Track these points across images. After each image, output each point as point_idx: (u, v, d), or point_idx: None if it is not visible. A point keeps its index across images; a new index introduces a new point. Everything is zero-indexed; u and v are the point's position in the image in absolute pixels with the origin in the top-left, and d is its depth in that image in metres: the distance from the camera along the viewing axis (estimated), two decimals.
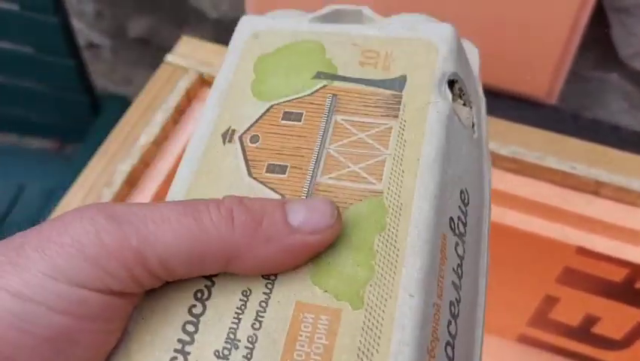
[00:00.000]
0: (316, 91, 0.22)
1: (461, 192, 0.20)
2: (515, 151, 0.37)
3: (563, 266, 0.37)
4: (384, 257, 0.18)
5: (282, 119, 0.21)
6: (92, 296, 0.15)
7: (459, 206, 0.20)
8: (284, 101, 0.22)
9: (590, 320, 0.41)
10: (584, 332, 0.42)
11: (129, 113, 0.40)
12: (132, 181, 0.37)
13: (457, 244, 0.19)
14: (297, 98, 0.22)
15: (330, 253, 0.18)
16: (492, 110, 0.26)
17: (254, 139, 0.21)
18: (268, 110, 0.21)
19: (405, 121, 0.20)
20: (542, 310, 0.43)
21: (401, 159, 0.19)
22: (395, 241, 0.18)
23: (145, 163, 0.38)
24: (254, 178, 0.20)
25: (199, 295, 0.18)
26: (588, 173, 0.36)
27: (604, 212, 0.36)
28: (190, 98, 0.41)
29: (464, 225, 0.20)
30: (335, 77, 0.22)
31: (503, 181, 0.37)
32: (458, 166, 0.20)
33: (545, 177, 0.37)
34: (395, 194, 0.19)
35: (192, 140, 0.21)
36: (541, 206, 0.36)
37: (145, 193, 0.37)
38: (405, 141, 0.20)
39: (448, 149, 0.20)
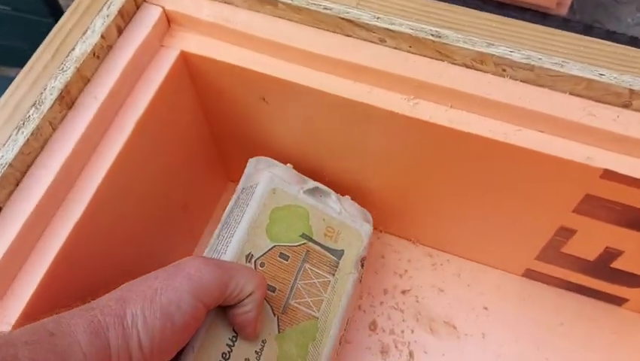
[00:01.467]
0: (300, 245, 0.35)
1: (348, 318, 0.37)
2: (530, 56, 0.30)
3: (584, 193, 0.32)
4: (311, 356, 0.34)
5: (279, 257, 0.34)
6: (201, 307, 0.27)
7: (344, 328, 0.36)
8: (281, 245, 0.35)
9: (610, 254, 0.36)
10: (602, 267, 0.38)
11: (62, 20, 0.33)
12: (68, 100, 0.31)
13: (338, 350, 0.36)
14: (288, 246, 0.35)
15: (288, 347, 0.33)
16: None
17: (262, 265, 0.34)
18: (272, 248, 0.34)
19: (337, 279, 0.36)
20: (555, 243, 0.37)
21: (330, 302, 0.35)
22: (318, 349, 0.34)
23: (83, 79, 0.32)
24: None
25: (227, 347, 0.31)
26: (619, 81, 0.29)
27: (637, 128, 0.29)
28: (138, 3, 0.34)
29: (343, 338, 0.37)
30: (311, 239, 0.36)
31: (515, 94, 0.30)
32: (351, 305, 0.37)
33: (566, 87, 0.30)
34: (323, 322, 0.34)
35: (229, 252, 0.33)
36: (561, 122, 0.30)
37: (85, 115, 0.31)
38: (335, 291, 0.35)
39: (350, 299, 0.36)
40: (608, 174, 0.30)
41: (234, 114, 0.39)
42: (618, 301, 0.41)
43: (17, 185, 0.29)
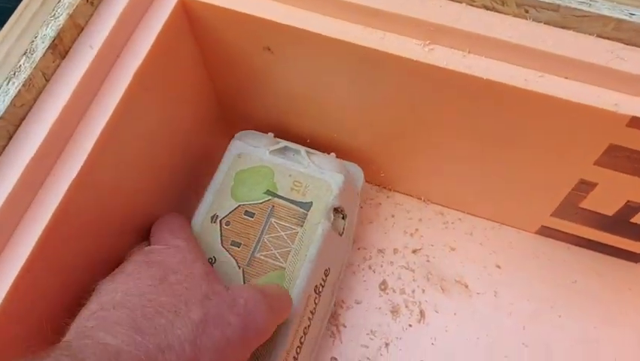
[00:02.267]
0: (264, 201, 0.36)
1: (325, 269, 0.37)
2: None
3: (608, 144, 0.30)
4: None
5: (244, 215, 0.36)
6: None
7: (322, 278, 0.37)
8: (245, 204, 0.36)
9: (631, 209, 0.35)
10: (621, 221, 0.36)
11: None
12: (61, 49, 0.29)
13: (315, 298, 0.36)
14: (253, 204, 0.36)
15: None
16: None
17: (227, 223, 0.36)
18: (237, 207, 0.36)
19: (305, 230, 0.36)
20: (573, 198, 0.36)
21: (298, 252, 0.35)
22: None
23: (77, 26, 0.30)
24: (223, 247, 0.35)
25: None
26: None
27: None
28: None
29: (322, 287, 0.37)
30: (275, 195, 0.37)
31: (538, 37, 0.29)
32: (327, 256, 0.37)
33: (593, 28, 0.28)
34: (290, 271, 0.35)
35: (196, 215, 0.36)
36: (587, 67, 0.28)
37: (80, 65, 0.29)
38: (302, 242, 0.36)
39: (322, 249, 0.36)
40: (636, 122, 0.28)
41: (237, 66, 0.37)
42: (635, 257, 0.40)
43: (10, 139, 0.28)
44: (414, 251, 0.43)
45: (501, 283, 0.41)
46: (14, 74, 0.28)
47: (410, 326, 0.40)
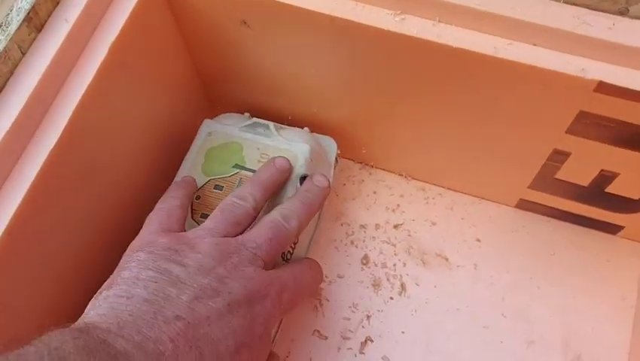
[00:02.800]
0: (233, 175, 0.38)
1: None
2: None
3: (578, 111, 0.31)
4: None
5: (214, 188, 0.37)
6: None
7: (291, 245, 0.37)
8: (216, 178, 0.38)
9: (605, 178, 0.35)
10: (596, 192, 0.37)
11: None
12: (37, 22, 0.29)
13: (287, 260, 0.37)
14: (222, 177, 0.38)
15: None
16: None
17: (198, 198, 0.37)
18: (207, 182, 0.38)
19: (273, 198, 0.36)
20: (548, 169, 0.36)
21: None
22: None
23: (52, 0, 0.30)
24: (193, 220, 0.36)
25: None
26: None
27: (633, 36, 0.28)
28: None
29: (291, 254, 0.37)
30: (244, 168, 0.38)
31: (507, 4, 0.29)
32: None
33: None
34: None
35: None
36: (555, 33, 0.29)
37: (55, 38, 0.30)
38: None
39: None
40: (603, 87, 0.28)
41: (215, 41, 0.37)
42: (613, 229, 0.41)
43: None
44: (395, 226, 0.43)
45: (481, 256, 0.42)
46: None
47: (392, 298, 0.41)
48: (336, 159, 0.41)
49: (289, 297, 0.32)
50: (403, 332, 0.40)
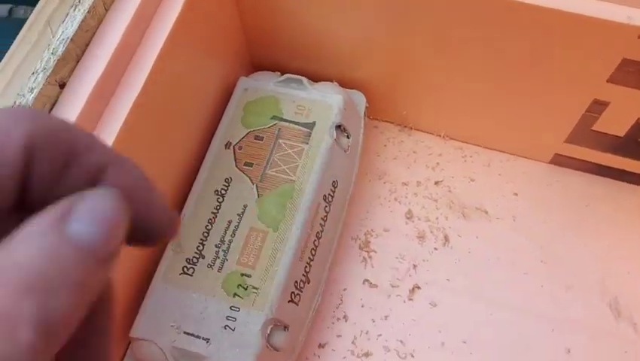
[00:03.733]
0: (271, 126, 0.41)
1: (333, 181, 0.40)
2: None
3: (621, 58, 0.33)
4: (290, 209, 0.38)
5: (254, 139, 0.41)
6: None
7: (330, 188, 0.40)
8: (255, 129, 0.41)
9: None
10: (631, 141, 0.39)
11: None
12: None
13: (325, 207, 0.40)
14: (262, 129, 0.41)
15: (267, 207, 0.38)
16: None
17: (240, 148, 0.40)
18: (247, 133, 0.41)
19: (310, 146, 0.40)
20: (586, 121, 0.39)
21: (305, 166, 0.39)
22: (296, 204, 0.38)
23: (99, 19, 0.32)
24: (238, 168, 0.40)
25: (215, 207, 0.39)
26: None
27: None
28: None
29: (332, 197, 0.40)
30: (281, 119, 0.41)
31: None
32: (333, 169, 0.40)
33: None
34: (299, 183, 0.39)
35: (211, 144, 0.41)
36: None
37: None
38: (309, 156, 0.39)
39: (327, 163, 0.39)
40: None
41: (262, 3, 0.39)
42: None
43: (78, 62, 0.30)
44: (436, 183, 0.46)
45: (519, 209, 0.44)
46: (79, 1, 0.30)
47: (436, 249, 0.43)
48: (364, 113, 0.44)
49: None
50: (448, 280, 0.42)
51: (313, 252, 0.38)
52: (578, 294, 0.41)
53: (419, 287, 0.42)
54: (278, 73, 0.44)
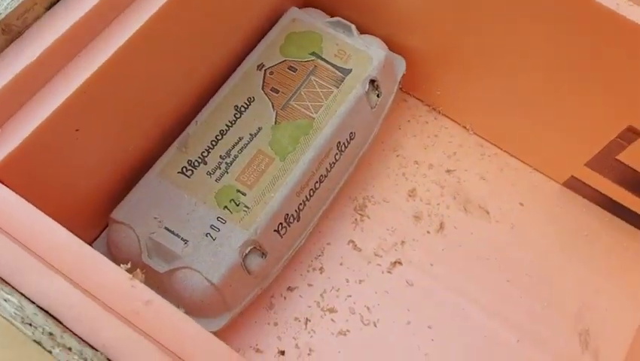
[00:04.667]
0: (308, 61, 0.41)
1: (351, 132, 0.40)
2: None
3: None
4: (302, 144, 0.38)
5: (287, 68, 0.40)
6: None
7: (346, 138, 0.39)
8: (291, 60, 0.41)
9: None
10: None
11: None
12: None
13: (336, 155, 0.39)
14: (297, 61, 0.41)
15: (281, 135, 0.38)
16: None
17: (271, 73, 0.40)
18: (282, 61, 0.40)
19: (340, 91, 0.39)
20: (613, 147, 0.39)
21: (329, 108, 0.39)
22: (309, 141, 0.38)
23: None
24: (263, 91, 0.39)
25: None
26: None
27: None
28: None
29: (345, 147, 0.40)
30: (320, 57, 0.41)
31: None
32: (354, 120, 0.40)
33: None
34: (318, 122, 0.38)
35: (244, 62, 0.40)
36: None
37: None
38: (335, 100, 0.39)
39: (351, 112, 0.39)
40: None
41: None
42: None
43: None
44: (447, 171, 0.45)
45: (520, 219, 0.44)
46: None
47: (428, 232, 0.43)
48: (400, 80, 0.44)
49: None
50: (431, 265, 0.42)
51: (312, 192, 0.38)
52: (553, 315, 0.41)
53: (400, 263, 0.42)
54: (329, 16, 0.44)
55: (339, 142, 0.39)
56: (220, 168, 0.37)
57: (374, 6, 0.42)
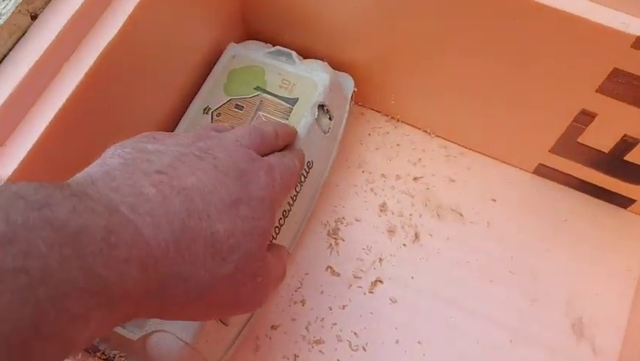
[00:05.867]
0: (254, 96, 0.40)
1: (308, 162, 0.38)
2: None
3: (612, 67, 0.32)
4: None
5: (234, 107, 0.40)
6: None
7: (304, 169, 0.38)
8: (236, 98, 0.40)
9: (626, 145, 0.36)
10: (615, 159, 0.38)
11: None
12: None
13: (296, 187, 0.38)
14: (243, 98, 0.40)
15: None
16: None
17: (218, 115, 0.39)
18: (228, 100, 0.40)
19: (290, 122, 0.38)
20: (572, 131, 0.38)
21: None
22: None
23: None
24: None
25: None
26: None
27: None
28: None
29: (305, 177, 0.38)
30: (265, 91, 0.40)
31: None
32: (309, 149, 0.38)
33: None
34: None
35: (189, 108, 0.40)
36: None
37: None
38: None
39: (304, 141, 0.37)
40: None
41: None
42: (625, 202, 0.42)
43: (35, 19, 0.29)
44: (415, 179, 0.44)
45: (495, 215, 0.43)
46: None
47: (405, 245, 0.42)
48: (351, 97, 0.43)
49: (280, 175, 0.29)
50: (412, 277, 0.41)
51: (277, 230, 0.37)
52: (543, 309, 0.40)
53: (381, 281, 0.41)
54: (270, 45, 0.43)
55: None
56: None
57: (312, 28, 0.42)
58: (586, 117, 0.36)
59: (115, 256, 0.19)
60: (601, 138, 0.37)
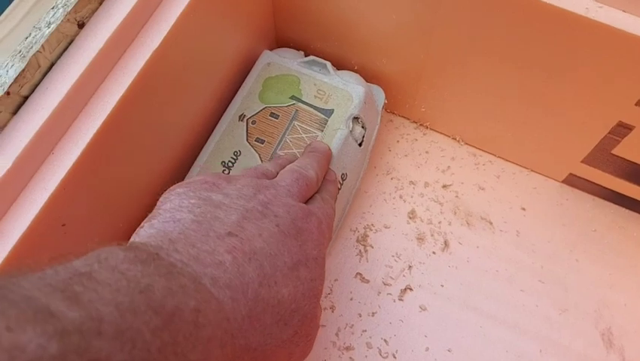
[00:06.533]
0: (289, 105, 0.40)
1: (342, 174, 0.39)
2: None
3: None
4: None
5: (269, 115, 0.40)
6: None
7: (339, 181, 0.38)
8: (271, 106, 0.40)
9: None
10: None
11: None
12: None
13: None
14: (279, 107, 0.40)
15: None
16: None
17: (254, 122, 0.40)
18: (263, 108, 0.40)
19: (325, 134, 0.39)
20: (607, 143, 0.38)
21: None
22: None
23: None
24: (249, 143, 0.39)
25: None
26: None
27: None
28: None
29: (339, 190, 0.37)
30: (300, 100, 0.40)
31: None
32: (344, 161, 0.39)
33: None
34: None
35: (224, 115, 0.40)
36: None
37: None
38: None
39: (339, 154, 0.38)
40: None
41: None
42: None
43: (101, 3, 0.30)
44: (444, 186, 0.45)
45: (524, 224, 0.43)
46: None
47: (434, 253, 0.42)
48: (382, 109, 0.43)
49: (327, 227, 0.31)
50: (442, 285, 0.41)
51: None
52: (572, 319, 0.40)
53: (411, 289, 0.41)
54: (302, 52, 0.43)
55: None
56: None
57: (345, 38, 0.42)
58: (623, 129, 0.36)
59: (201, 336, 0.20)
60: (636, 150, 0.37)
